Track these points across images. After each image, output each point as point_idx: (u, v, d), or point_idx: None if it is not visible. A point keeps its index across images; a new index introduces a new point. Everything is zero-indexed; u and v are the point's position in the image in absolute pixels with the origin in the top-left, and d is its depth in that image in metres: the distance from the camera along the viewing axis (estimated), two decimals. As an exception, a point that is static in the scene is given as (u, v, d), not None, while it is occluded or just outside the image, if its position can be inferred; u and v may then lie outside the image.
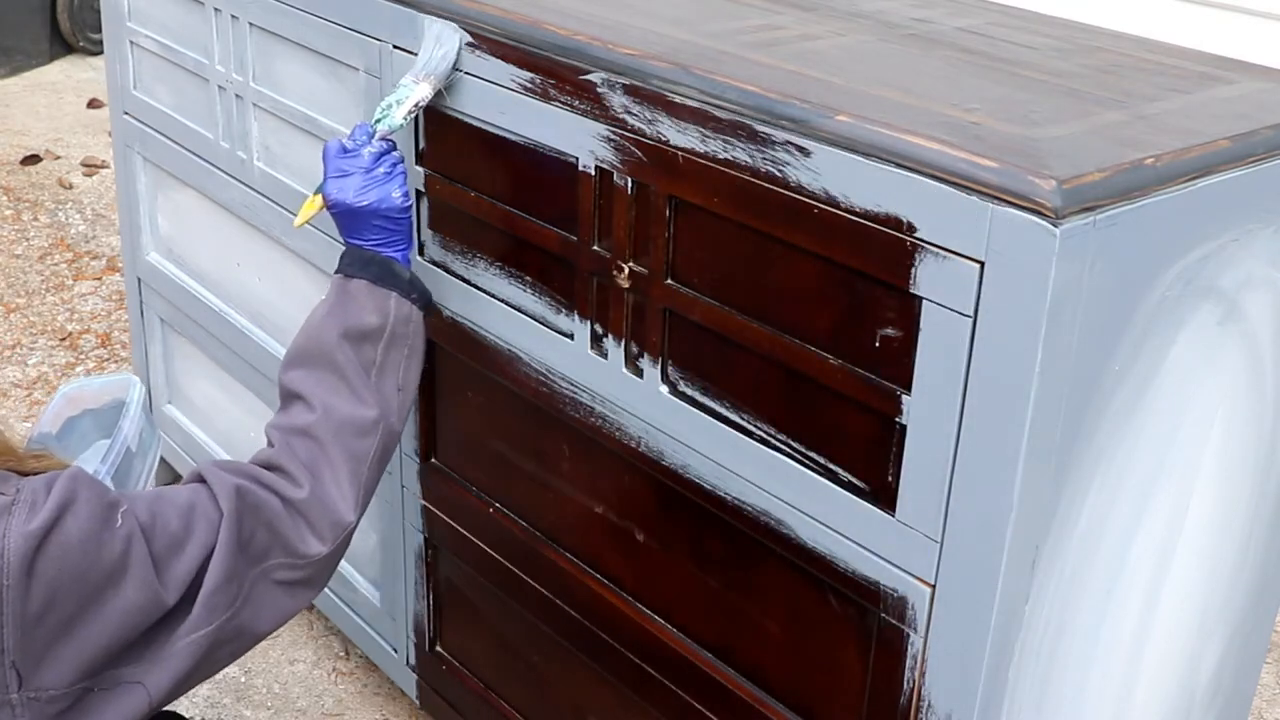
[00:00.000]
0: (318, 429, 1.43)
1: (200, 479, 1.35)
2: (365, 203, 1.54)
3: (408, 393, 1.53)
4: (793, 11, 1.64)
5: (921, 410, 1.21)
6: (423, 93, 1.59)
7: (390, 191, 1.55)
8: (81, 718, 1.22)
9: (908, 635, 1.28)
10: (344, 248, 1.58)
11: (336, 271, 1.56)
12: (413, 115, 1.59)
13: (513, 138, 1.57)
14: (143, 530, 1.24)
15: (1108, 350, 1.19)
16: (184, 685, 1.29)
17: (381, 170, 1.56)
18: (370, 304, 1.51)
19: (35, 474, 1.24)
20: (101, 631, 1.21)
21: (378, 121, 1.57)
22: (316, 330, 1.50)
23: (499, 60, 1.55)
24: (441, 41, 1.60)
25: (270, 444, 1.45)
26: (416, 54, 1.63)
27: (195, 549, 1.28)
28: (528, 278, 1.63)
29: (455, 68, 1.60)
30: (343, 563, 2.22)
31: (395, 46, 1.71)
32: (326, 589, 2.27)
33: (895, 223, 1.18)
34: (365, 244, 1.56)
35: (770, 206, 1.29)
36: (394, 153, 1.58)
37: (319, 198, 1.57)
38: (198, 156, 2.26)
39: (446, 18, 1.60)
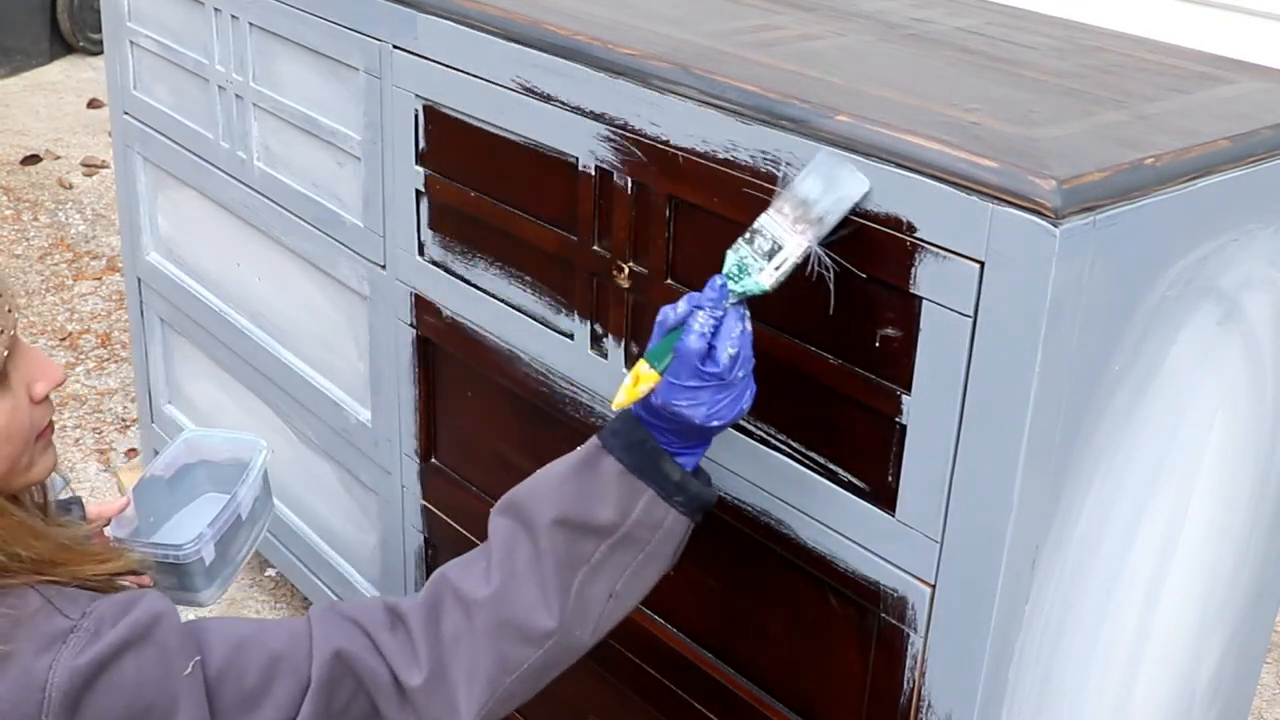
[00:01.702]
0: (480, 612, 1.21)
1: (309, 620, 1.21)
2: (715, 423, 1.22)
3: (620, 604, 1.26)
4: (793, 11, 1.64)
5: (921, 410, 1.21)
6: (798, 247, 1.18)
7: (745, 402, 1.23)
8: None
9: (908, 635, 1.28)
10: (624, 414, 1.26)
11: (598, 436, 1.27)
12: (784, 277, 1.20)
13: (513, 138, 1.57)
14: (208, 683, 1.13)
15: (1108, 350, 1.19)
16: None
17: (741, 374, 1.21)
18: (613, 496, 1.23)
19: (97, 582, 1.16)
20: None
21: (734, 280, 1.20)
22: (543, 493, 1.25)
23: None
24: (835, 181, 1.19)
25: (428, 591, 1.25)
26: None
27: (270, 711, 1.15)
28: (528, 278, 1.63)
29: (851, 215, 1.20)
30: (343, 562, 2.23)
31: (395, 46, 1.71)
32: (327, 589, 2.28)
33: (895, 223, 1.18)
34: (657, 435, 1.24)
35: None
36: (748, 328, 1.22)
37: (651, 379, 1.22)
38: (198, 156, 2.26)
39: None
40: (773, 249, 1.18)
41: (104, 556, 1.23)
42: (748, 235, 1.20)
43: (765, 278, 1.19)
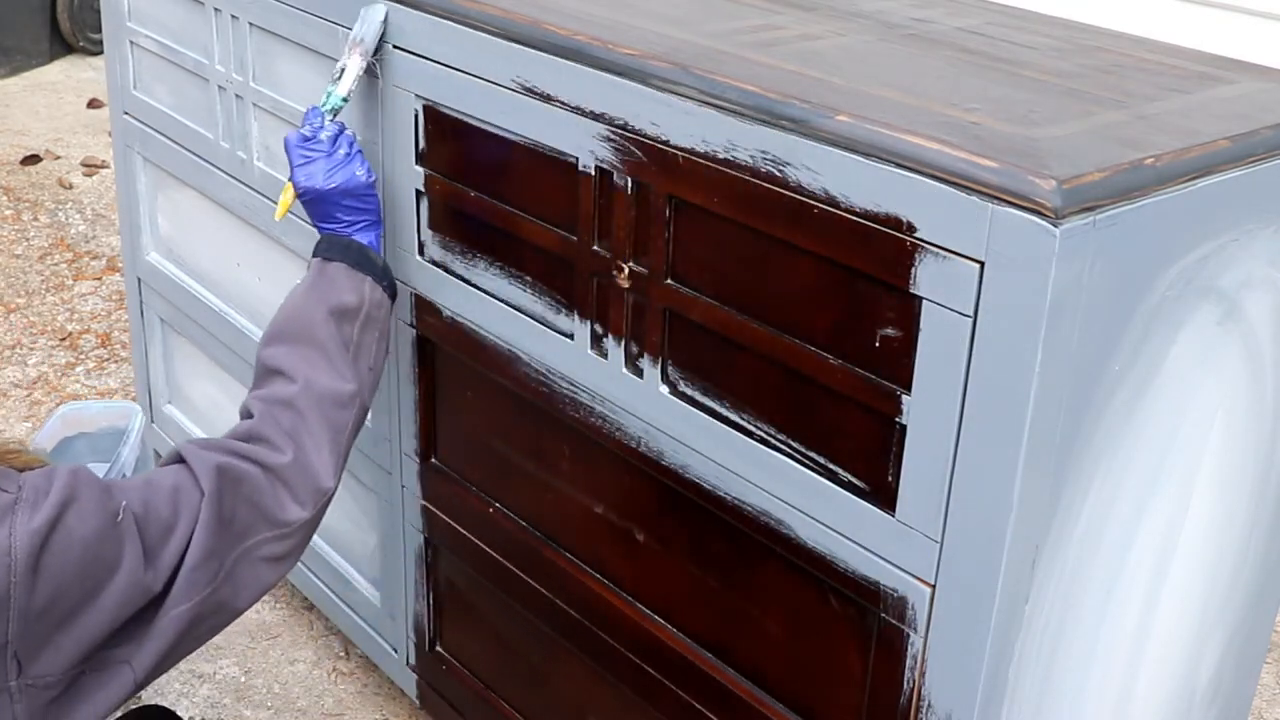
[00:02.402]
0: (300, 400, 1.49)
1: (180, 459, 1.39)
2: (334, 185, 1.62)
3: (376, 373, 1.61)
4: (793, 11, 1.64)
5: (921, 410, 1.21)
6: (355, 65, 1.68)
7: (354, 171, 1.64)
8: (73, 700, 1.26)
9: (908, 635, 1.28)
10: (319, 235, 1.65)
11: (314, 255, 1.63)
12: (352, 89, 1.68)
13: (513, 138, 1.57)
14: (137, 522, 1.28)
15: (1108, 350, 1.19)
16: (166, 662, 1.33)
17: (341, 152, 1.64)
18: (349, 286, 1.59)
19: (28, 469, 1.27)
20: (99, 620, 1.24)
21: (324, 105, 1.66)
22: (298, 308, 1.57)
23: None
24: (366, 17, 1.69)
25: (250, 415, 1.49)
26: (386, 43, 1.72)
27: (182, 531, 1.32)
28: (528, 278, 1.63)
29: (382, 39, 1.70)
30: (343, 562, 2.23)
31: (395, 46, 1.71)
32: (327, 590, 2.28)
33: (895, 223, 1.18)
34: (338, 227, 1.65)
35: (770, 206, 1.29)
36: (347, 133, 1.67)
37: (290, 187, 1.65)
38: (198, 156, 2.26)
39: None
40: (342, 71, 1.68)
41: (18, 452, 1.34)
42: (332, 79, 1.69)
43: (342, 89, 1.67)
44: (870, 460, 1.28)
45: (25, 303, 3.73)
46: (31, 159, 4.72)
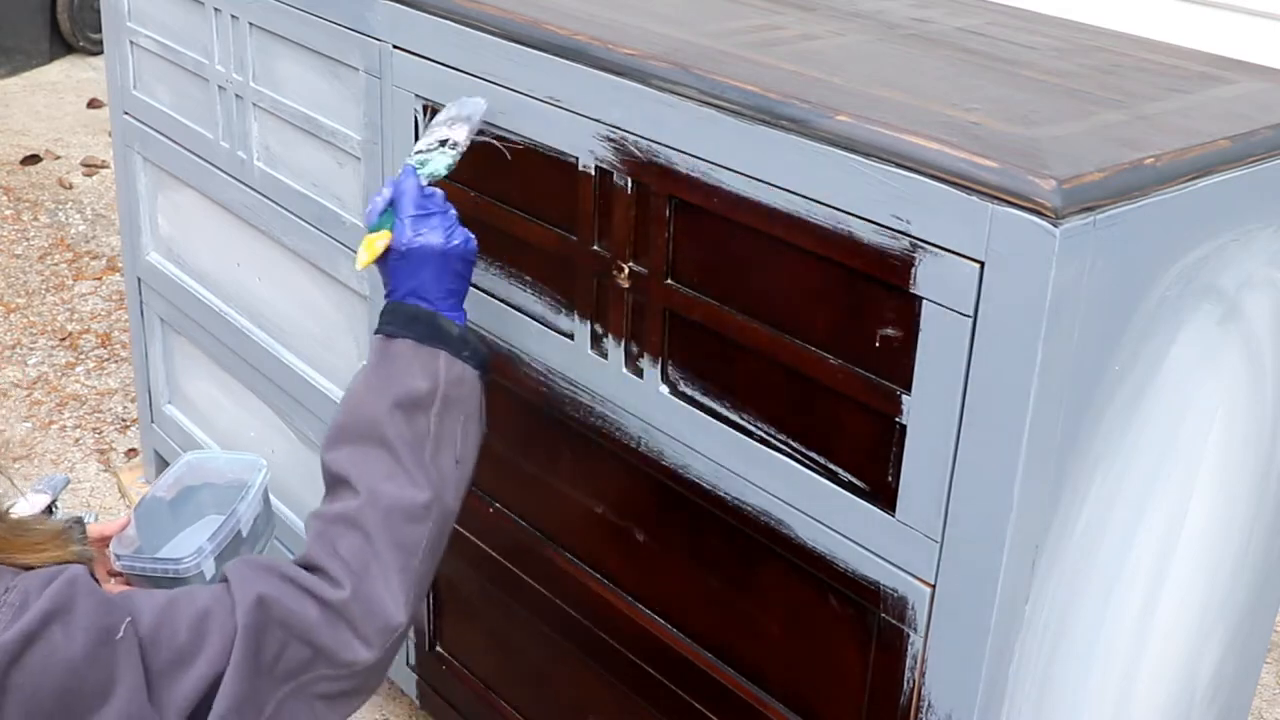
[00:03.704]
0: (364, 517, 1.27)
1: (225, 580, 1.22)
2: (455, 243, 1.38)
3: (466, 466, 1.35)
4: (793, 11, 1.64)
5: (921, 410, 1.21)
6: (461, 135, 1.48)
7: (468, 234, 1.41)
8: None
9: (908, 635, 1.28)
10: (384, 304, 1.39)
11: (376, 332, 1.37)
12: (454, 164, 1.47)
13: (513, 138, 1.57)
14: (142, 644, 1.11)
15: (1108, 350, 1.19)
16: None
17: (454, 213, 1.42)
18: (418, 368, 1.33)
19: (32, 569, 1.12)
20: None
21: (420, 167, 1.44)
22: (359, 402, 1.33)
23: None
24: (467, 104, 1.52)
25: (310, 534, 1.29)
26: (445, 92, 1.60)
27: (202, 667, 1.14)
28: (528, 278, 1.63)
29: (486, 120, 1.52)
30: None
31: (395, 46, 1.71)
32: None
33: (895, 222, 1.18)
34: (434, 298, 1.38)
35: (770, 206, 1.29)
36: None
37: (383, 236, 1.38)
38: (198, 156, 2.26)
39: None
40: (440, 140, 1.47)
41: (42, 545, 1.17)
42: (424, 144, 1.47)
43: (445, 159, 1.45)
44: (870, 460, 1.28)
45: (25, 303, 3.74)
46: (31, 159, 4.72)
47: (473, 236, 1.41)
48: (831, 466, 1.32)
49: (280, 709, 1.18)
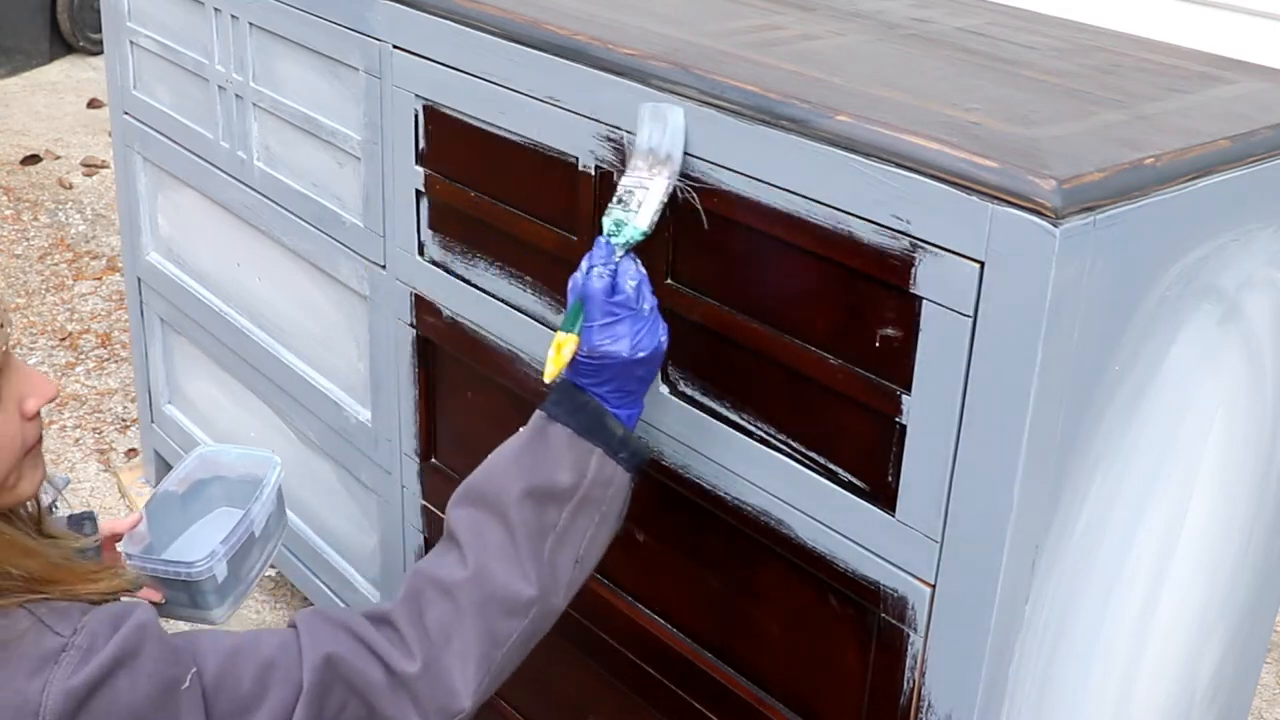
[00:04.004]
0: (462, 593, 1.24)
1: (295, 627, 1.22)
2: (641, 354, 1.29)
3: (586, 566, 1.31)
4: (793, 11, 1.64)
5: (921, 410, 1.21)
6: (660, 188, 1.32)
7: (660, 334, 1.31)
8: None
9: (908, 635, 1.28)
10: (561, 379, 1.32)
11: (540, 408, 1.33)
12: (655, 220, 1.33)
13: (513, 138, 1.57)
14: (205, 693, 1.12)
15: (1108, 350, 1.19)
16: None
17: (647, 307, 1.31)
18: (568, 458, 1.28)
19: (92, 600, 1.14)
20: None
21: (613, 236, 1.32)
22: (499, 471, 1.30)
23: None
24: (661, 121, 1.33)
25: (405, 588, 1.26)
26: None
27: (264, 718, 1.15)
28: (528, 278, 1.63)
29: (686, 151, 1.34)
30: (343, 562, 2.23)
31: (395, 46, 1.71)
32: (327, 589, 2.28)
33: (895, 222, 1.18)
34: (608, 396, 1.31)
35: (770, 206, 1.29)
36: (643, 271, 1.33)
37: (570, 342, 1.30)
38: (198, 156, 2.26)
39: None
40: (642, 200, 1.32)
41: (98, 575, 1.21)
42: (616, 199, 1.33)
43: (642, 220, 1.32)
44: (870, 460, 1.28)
45: (25, 303, 3.74)
46: (31, 159, 4.72)
47: (664, 336, 1.32)
48: (831, 466, 1.32)
49: None
